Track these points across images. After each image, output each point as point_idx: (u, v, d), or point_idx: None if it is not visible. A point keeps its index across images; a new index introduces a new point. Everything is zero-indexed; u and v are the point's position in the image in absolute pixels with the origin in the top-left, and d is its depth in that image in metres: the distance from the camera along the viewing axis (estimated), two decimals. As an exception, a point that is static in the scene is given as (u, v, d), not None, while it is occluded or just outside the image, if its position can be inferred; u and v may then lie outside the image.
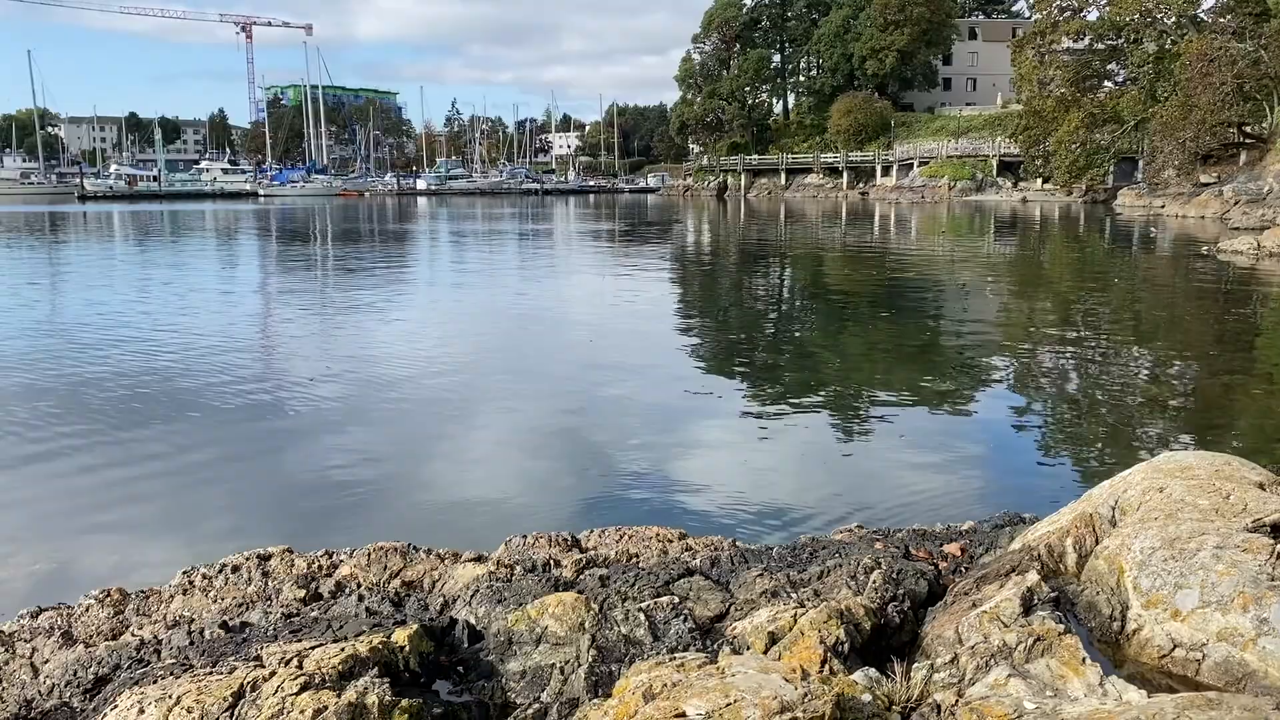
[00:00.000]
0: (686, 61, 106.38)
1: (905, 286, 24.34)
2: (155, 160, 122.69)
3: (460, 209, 79.24)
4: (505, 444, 9.96)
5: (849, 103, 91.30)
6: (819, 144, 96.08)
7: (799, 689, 2.07)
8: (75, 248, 40.53)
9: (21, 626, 4.84)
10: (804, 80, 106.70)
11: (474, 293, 24.04)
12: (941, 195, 77.44)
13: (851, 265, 30.97)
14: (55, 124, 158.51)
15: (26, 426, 10.26)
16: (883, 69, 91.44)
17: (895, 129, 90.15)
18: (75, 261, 33.83)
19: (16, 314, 19.06)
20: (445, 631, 3.31)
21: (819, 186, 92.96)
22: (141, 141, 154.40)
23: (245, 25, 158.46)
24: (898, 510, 7.63)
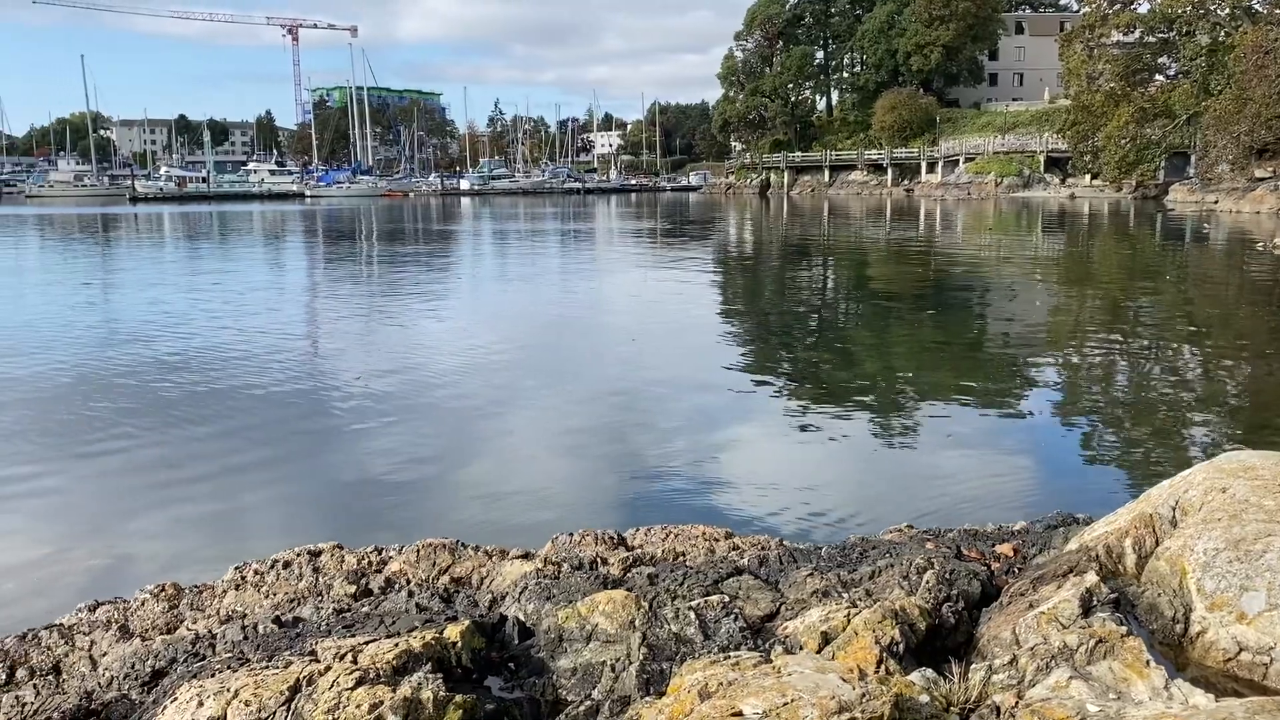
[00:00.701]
0: (729, 59, 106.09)
1: (951, 284, 24.10)
2: (204, 162, 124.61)
3: (503, 209, 79.67)
4: (548, 442, 9.99)
5: (893, 99, 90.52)
6: (863, 141, 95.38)
7: (856, 689, 2.05)
8: (127, 248, 41.29)
9: (80, 620, 4.93)
10: (847, 77, 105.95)
11: (517, 292, 24.16)
12: (988, 192, 76.57)
13: (896, 263, 30.71)
14: (107, 127, 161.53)
15: (82, 423, 10.47)
16: (927, 65, 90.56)
17: (940, 125, 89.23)
18: (128, 262, 34.46)
19: (73, 313, 19.44)
20: (496, 628, 3.32)
21: (863, 183, 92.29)
22: (191, 143, 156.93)
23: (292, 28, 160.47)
24: (945, 510, 7.55)
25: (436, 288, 24.69)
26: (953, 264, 29.24)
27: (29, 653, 4.50)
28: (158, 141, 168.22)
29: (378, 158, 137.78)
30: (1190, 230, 41.90)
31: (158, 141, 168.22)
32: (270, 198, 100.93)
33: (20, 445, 9.65)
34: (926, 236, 41.50)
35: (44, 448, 9.60)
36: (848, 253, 35.00)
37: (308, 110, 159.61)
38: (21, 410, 11.01)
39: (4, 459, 9.20)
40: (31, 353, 14.71)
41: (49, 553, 7.07)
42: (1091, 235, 41.61)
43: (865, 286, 25.44)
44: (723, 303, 22.18)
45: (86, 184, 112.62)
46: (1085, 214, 54.84)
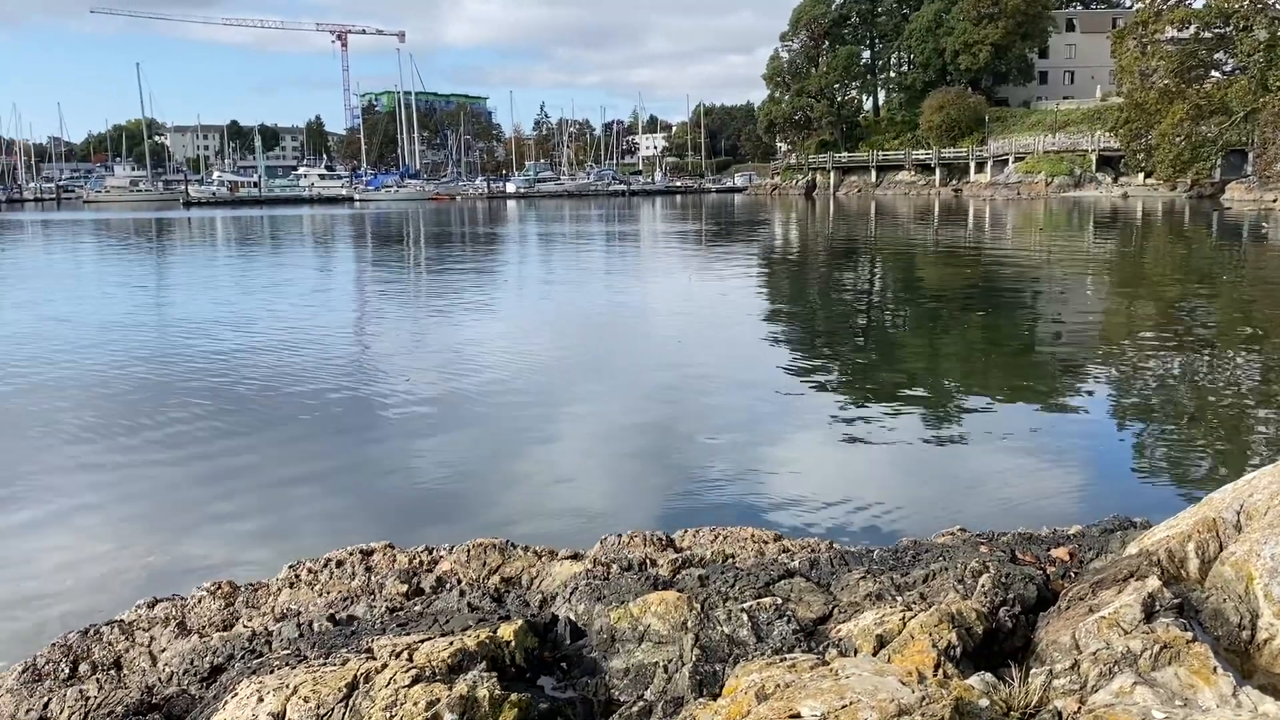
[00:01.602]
0: (774, 60, 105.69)
1: (1001, 285, 23.80)
2: (255, 167, 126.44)
3: (548, 211, 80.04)
4: (595, 443, 10.01)
5: (941, 98, 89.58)
6: (910, 141, 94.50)
7: (916, 692, 2.03)
8: (182, 252, 42.06)
9: (139, 616, 5.03)
10: (894, 76, 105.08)
11: (563, 294, 24.26)
12: (1038, 191, 75.51)
13: (944, 263, 30.41)
14: (162, 133, 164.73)
15: (138, 423, 10.67)
16: (976, 63, 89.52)
17: (989, 124, 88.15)
18: (183, 265, 35.10)
19: (128, 315, 19.84)
20: (548, 627, 3.34)
21: (910, 184, 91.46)
22: (242, 149, 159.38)
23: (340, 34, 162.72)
24: (996, 513, 7.46)
25: (483, 290, 24.87)
26: (1002, 265, 28.88)
27: (91, 648, 4.60)
28: (210, 147, 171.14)
29: (425, 162, 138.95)
30: (1248, 230, 41.00)
31: (210, 147, 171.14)
32: (320, 202, 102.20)
33: (79, 445, 9.86)
34: (975, 237, 41.04)
35: (102, 448, 9.81)
36: (895, 253, 34.72)
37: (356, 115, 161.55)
38: (80, 411, 11.26)
39: (65, 458, 9.41)
40: (89, 354, 15.04)
41: (108, 550, 7.22)
42: (1145, 235, 40.89)
43: (913, 287, 25.21)
44: (769, 304, 22.10)
45: (142, 189, 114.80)
46: (1138, 213, 53.91)
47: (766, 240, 43.53)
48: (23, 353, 15.26)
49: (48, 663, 4.48)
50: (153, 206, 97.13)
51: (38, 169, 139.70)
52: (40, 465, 9.22)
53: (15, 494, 8.37)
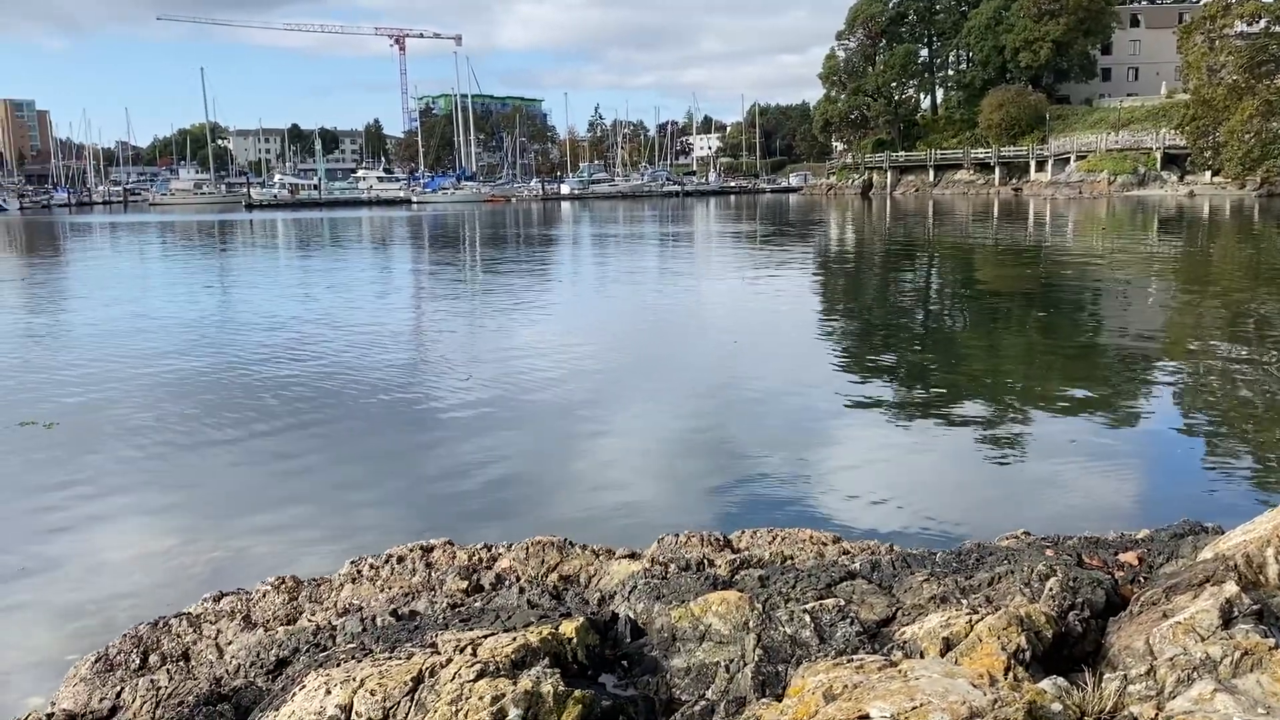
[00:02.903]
0: (830, 58, 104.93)
1: (1062, 286, 23.38)
2: (315, 170, 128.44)
3: (603, 212, 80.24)
4: (649, 443, 10.02)
5: (1001, 96, 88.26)
6: (969, 139, 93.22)
7: (987, 695, 2.00)
8: (244, 253, 42.86)
9: (206, 609, 5.13)
10: (953, 74, 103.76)
11: (617, 294, 24.31)
12: (1100, 190, 74.05)
13: (1004, 264, 29.95)
14: (224, 137, 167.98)
15: (202, 421, 10.89)
16: (1037, 61, 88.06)
17: (1050, 122, 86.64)
18: (245, 266, 35.77)
19: (192, 315, 20.26)
20: (608, 625, 3.35)
21: (969, 183, 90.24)
22: (303, 152, 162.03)
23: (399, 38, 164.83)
24: (1058, 516, 7.31)
25: (539, 291, 25.01)
26: (1063, 265, 28.37)
27: (160, 639, 4.71)
28: (272, 150, 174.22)
29: (481, 164, 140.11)
30: (1321, 228, 39.82)
31: (272, 150, 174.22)
32: (378, 204, 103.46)
33: (145, 442, 10.09)
34: (1035, 236, 40.37)
35: (167, 445, 10.02)
36: (954, 253, 34.27)
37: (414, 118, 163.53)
38: (145, 409, 11.52)
39: (131, 455, 9.64)
40: (154, 354, 15.39)
41: (174, 545, 7.37)
42: (1212, 235, 39.90)
43: (972, 288, 24.87)
44: (825, 304, 21.94)
45: (205, 192, 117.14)
46: (1205, 213, 52.62)
47: (822, 240, 43.22)
48: (102, 350, 15.67)
49: (119, 653, 4.59)
50: (216, 209, 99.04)
51: (106, 172, 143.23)
52: (111, 460, 9.45)
53: (87, 490, 8.59)
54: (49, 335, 18.15)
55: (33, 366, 14.57)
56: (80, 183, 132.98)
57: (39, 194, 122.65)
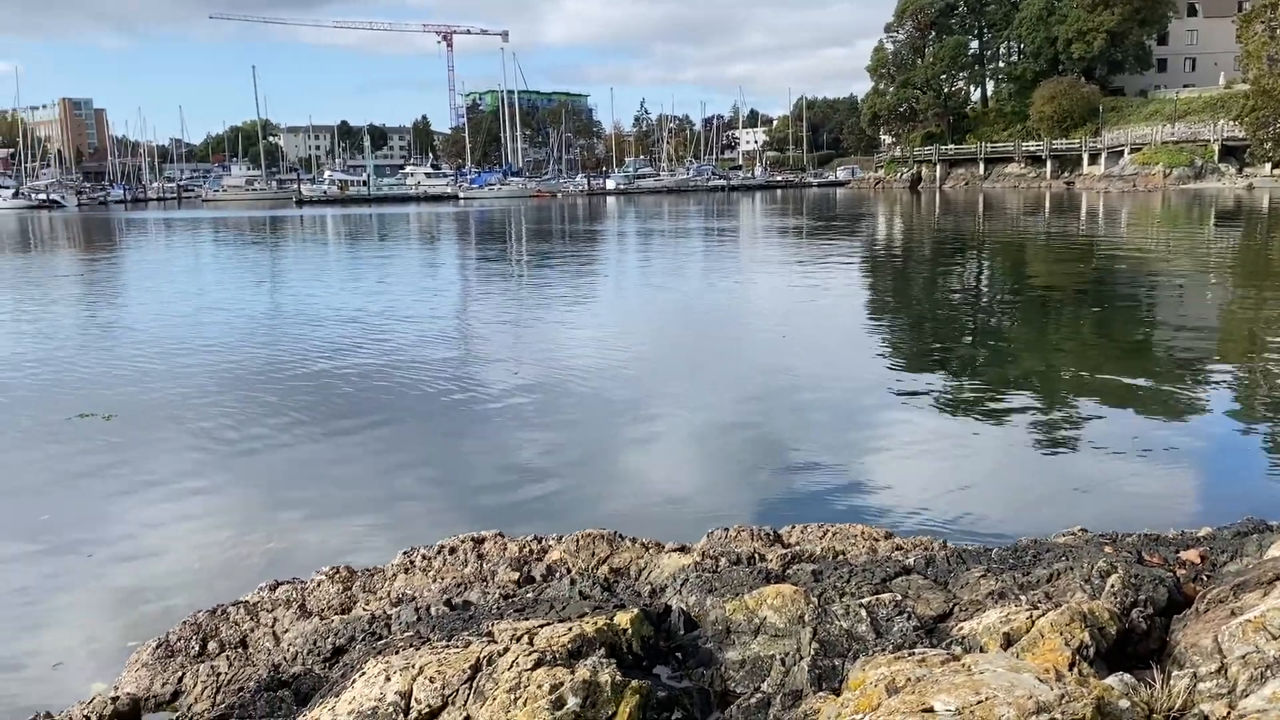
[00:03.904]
0: (879, 51, 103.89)
1: (1116, 281, 22.97)
2: (364, 166, 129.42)
3: (647, 207, 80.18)
4: (697, 437, 10.00)
5: (1053, 88, 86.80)
6: (1020, 132, 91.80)
7: (1054, 690, 1.97)
8: (294, 249, 43.43)
9: (262, 598, 5.22)
10: (1003, 66, 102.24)
11: (664, 289, 24.28)
12: (1155, 184, 72.59)
13: (1056, 258, 29.49)
14: (275, 134, 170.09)
15: (255, 414, 11.06)
16: (1090, 52, 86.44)
17: (1104, 114, 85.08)
18: (295, 262, 36.25)
19: (246, 310, 20.58)
20: (661, 617, 3.35)
21: (1020, 176, 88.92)
22: (352, 148, 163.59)
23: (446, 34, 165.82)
24: (1113, 514, 7.17)
25: (585, 285, 25.06)
26: (1117, 259, 27.88)
27: (219, 626, 4.79)
28: (321, 147, 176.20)
29: (527, 159, 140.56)
30: (1386, 221, 38.72)
31: (321, 147, 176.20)
32: (426, 200, 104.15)
33: (200, 434, 10.26)
34: (1088, 230, 39.70)
35: (220, 437, 10.19)
36: (1004, 248, 33.80)
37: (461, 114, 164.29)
38: (199, 401, 11.72)
39: (186, 447, 9.81)
40: (208, 347, 15.65)
41: (229, 535, 7.48)
42: (1272, 228, 38.96)
43: (1023, 282, 24.51)
44: (874, 298, 21.76)
45: (257, 188, 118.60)
46: (1265, 206, 51.37)
47: (870, 235, 42.85)
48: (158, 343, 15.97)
49: (179, 639, 4.69)
50: (267, 205, 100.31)
51: (160, 169, 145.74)
52: (167, 451, 9.63)
53: (144, 481, 8.76)
54: (107, 329, 18.53)
55: (91, 359, 14.89)
56: (136, 180, 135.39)
57: (96, 191, 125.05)
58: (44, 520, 7.76)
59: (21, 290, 26.76)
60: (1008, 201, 66.27)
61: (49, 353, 15.52)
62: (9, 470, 9.16)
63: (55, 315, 20.60)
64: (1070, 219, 47.08)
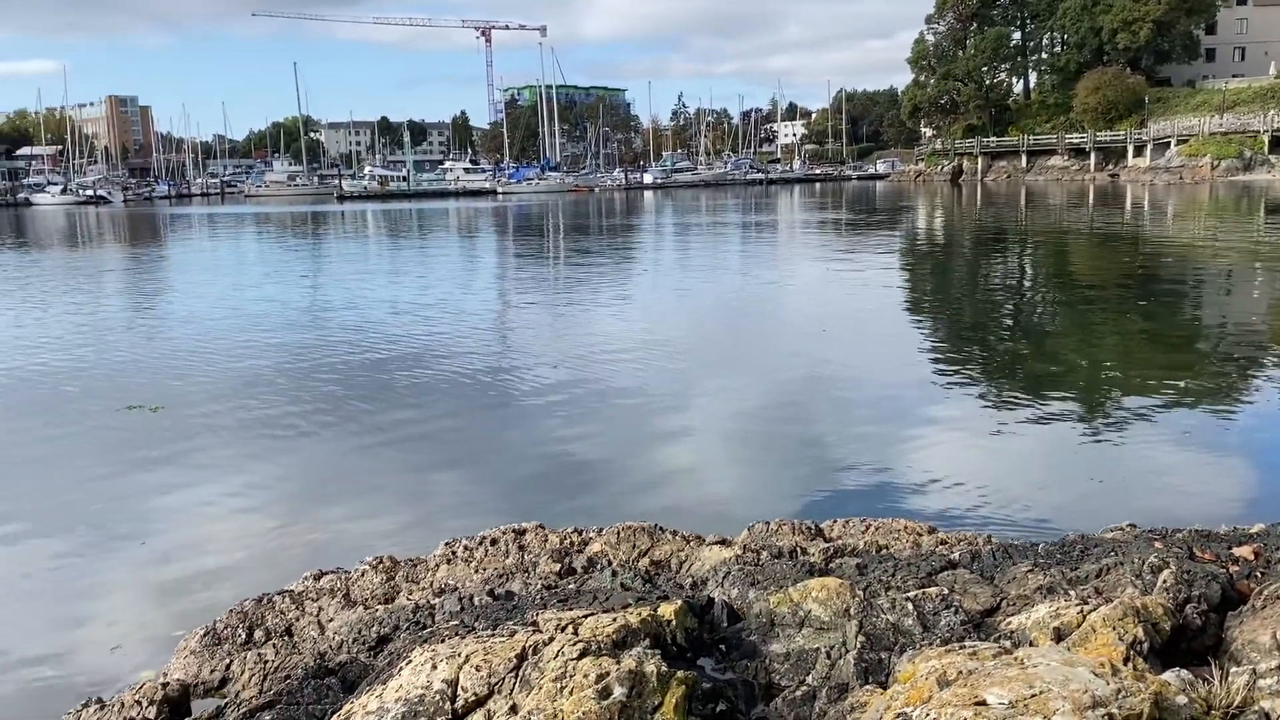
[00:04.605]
0: (919, 43, 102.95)
1: (1162, 274, 22.60)
2: (404, 161, 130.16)
3: (685, 201, 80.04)
4: (735, 431, 9.97)
5: (1097, 79, 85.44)
6: (1063, 124, 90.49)
7: (1111, 684, 1.94)
8: (337, 244, 43.86)
9: (307, 587, 5.27)
10: (1046, 57, 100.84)
11: (701, 283, 24.23)
12: (1203, 175, 71.28)
13: (1101, 252, 29.08)
14: (317, 130, 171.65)
15: (298, 407, 11.18)
16: (1136, 42, 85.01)
17: (1149, 105, 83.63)
18: (338, 256, 36.60)
19: (288, 303, 20.81)
20: (705, 609, 3.34)
21: (1063, 169, 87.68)
22: (392, 144, 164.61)
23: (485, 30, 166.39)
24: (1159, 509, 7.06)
25: (623, 279, 25.08)
26: (1163, 253, 27.44)
27: (264, 615, 4.85)
28: (362, 143, 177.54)
29: (565, 154, 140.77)
30: None
31: (362, 143, 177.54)
32: (465, 195, 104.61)
33: (244, 426, 10.40)
34: (1134, 223, 39.09)
35: (264, 429, 10.31)
36: (1047, 241, 33.36)
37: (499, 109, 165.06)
38: (244, 394, 11.87)
39: (231, 439, 9.94)
40: (252, 340, 15.85)
41: (274, 526, 7.58)
42: (1324, 220, 38.12)
43: (1067, 276, 24.19)
44: (915, 293, 21.57)
45: (298, 184, 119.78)
46: (1317, 198, 50.29)
47: (911, 228, 42.48)
48: (203, 336, 16.20)
49: (226, 628, 4.75)
50: (309, 200, 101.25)
51: (204, 165, 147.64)
52: (213, 443, 9.76)
53: (190, 472, 8.89)
54: (154, 322, 18.82)
55: (139, 352, 15.13)
56: (180, 175, 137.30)
57: (141, 187, 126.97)
58: (95, 510, 7.90)
59: (71, 284, 27.26)
60: (1051, 194, 65.43)
61: (98, 345, 15.79)
62: (60, 460, 9.34)
63: (103, 308, 20.96)
64: (1115, 212, 46.38)
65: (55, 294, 24.24)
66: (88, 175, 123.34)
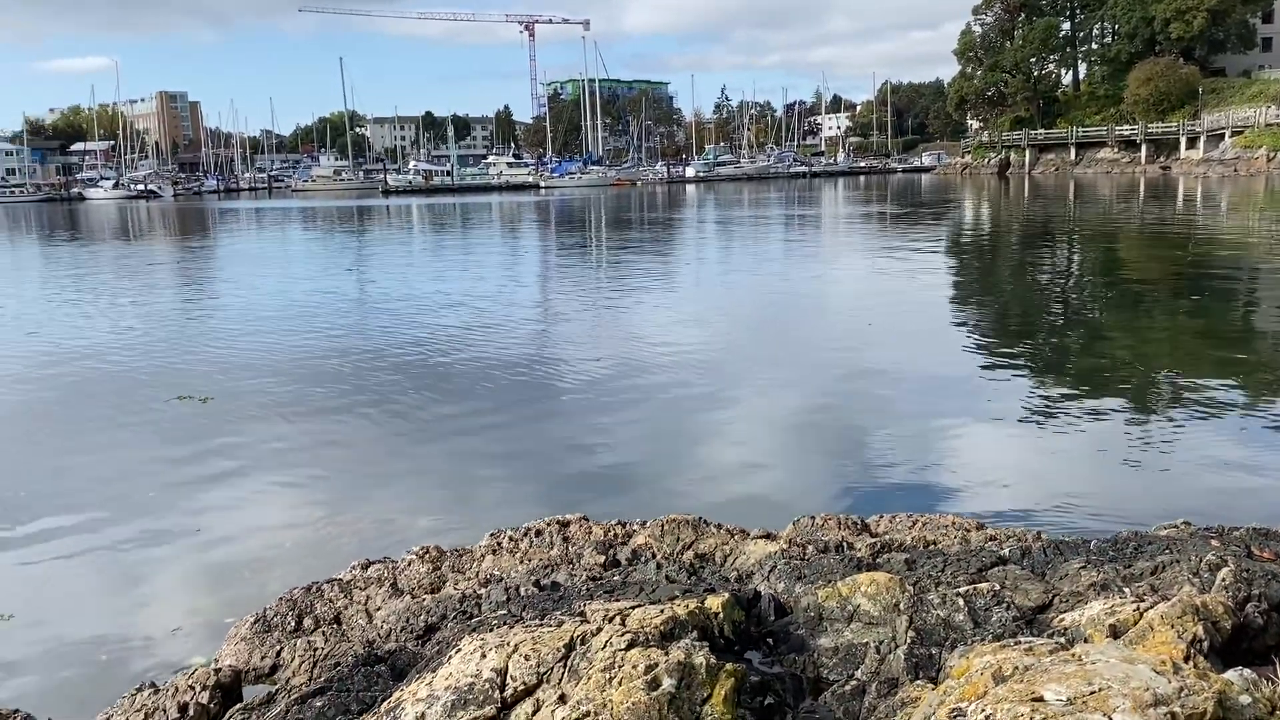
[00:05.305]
0: (966, 34, 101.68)
1: (1214, 269, 22.14)
2: (448, 156, 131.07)
3: (727, 195, 79.77)
4: (781, 425, 9.92)
5: (1149, 70, 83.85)
6: (1113, 116, 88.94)
7: (1173, 683, 1.90)
8: (381, 237, 44.25)
9: (355, 576, 5.33)
10: (1096, 48, 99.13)
11: (745, 277, 24.14)
12: (1259, 168, 69.70)
13: (1151, 246, 28.56)
14: (362, 124, 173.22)
15: (344, 399, 11.30)
16: (1189, 31, 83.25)
17: (1203, 96, 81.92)
18: (383, 250, 36.93)
19: (337, 296, 21.04)
20: (752, 602, 3.33)
21: (1113, 161, 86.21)
22: (436, 139, 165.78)
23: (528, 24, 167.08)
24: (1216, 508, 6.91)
25: (665, 273, 25.05)
26: (1216, 247, 26.88)
27: (313, 603, 4.91)
28: (406, 137, 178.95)
29: (607, 148, 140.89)
30: None
31: (406, 137, 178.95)
32: (508, 189, 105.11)
33: (291, 417, 10.53)
34: (1186, 217, 38.35)
35: (311, 420, 10.43)
36: (1097, 235, 32.83)
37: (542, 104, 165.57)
38: (291, 385, 12.01)
39: (279, 430, 10.07)
40: (299, 332, 16.04)
41: (321, 516, 7.66)
42: (1385, 213, 37.16)
43: (1117, 271, 23.79)
44: (961, 286, 21.33)
45: (344, 178, 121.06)
46: (1377, 190, 49.03)
47: (957, 222, 42.01)
48: (252, 328, 16.44)
49: (276, 615, 4.81)
50: (354, 195, 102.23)
51: (251, 160, 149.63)
52: (261, 434, 9.89)
53: (238, 462, 9.01)
54: (204, 314, 19.11)
55: (189, 343, 15.37)
56: (228, 170, 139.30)
57: (191, 181, 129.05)
58: (149, 498, 8.04)
59: (123, 276, 27.76)
60: (1100, 187, 64.37)
61: (148, 336, 16.07)
62: (113, 450, 9.51)
63: (155, 300, 21.32)
64: (1166, 205, 45.54)
65: (106, 286, 24.71)
66: (138, 170, 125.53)
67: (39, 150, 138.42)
